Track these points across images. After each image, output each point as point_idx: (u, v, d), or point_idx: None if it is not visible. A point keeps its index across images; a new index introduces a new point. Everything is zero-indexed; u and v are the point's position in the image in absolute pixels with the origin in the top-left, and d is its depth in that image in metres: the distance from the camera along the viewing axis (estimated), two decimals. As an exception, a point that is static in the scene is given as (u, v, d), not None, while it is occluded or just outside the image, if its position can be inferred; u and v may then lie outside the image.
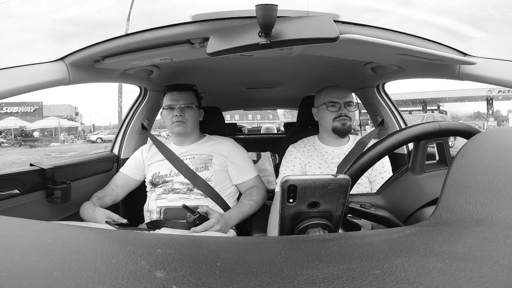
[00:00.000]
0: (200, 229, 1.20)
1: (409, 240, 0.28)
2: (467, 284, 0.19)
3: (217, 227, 1.23)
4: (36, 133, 25.50)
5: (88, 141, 25.28)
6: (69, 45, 1.13)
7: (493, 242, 0.25)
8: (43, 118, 27.80)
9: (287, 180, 0.42)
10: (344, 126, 1.40)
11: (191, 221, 1.20)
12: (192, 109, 1.52)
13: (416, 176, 0.59)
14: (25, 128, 25.03)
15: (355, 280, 0.20)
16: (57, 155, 14.31)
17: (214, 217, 1.24)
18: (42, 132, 26.09)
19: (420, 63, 1.16)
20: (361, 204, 0.57)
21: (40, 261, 0.23)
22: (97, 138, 25.48)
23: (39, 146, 20.73)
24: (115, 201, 1.54)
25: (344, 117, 1.39)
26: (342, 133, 1.42)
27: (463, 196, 0.34)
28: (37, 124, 26.27)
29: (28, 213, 1.22)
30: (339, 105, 1.40)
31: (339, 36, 0.82)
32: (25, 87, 1.01)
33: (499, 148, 0.39)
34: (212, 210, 1.29)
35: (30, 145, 21.03)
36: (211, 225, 1.22)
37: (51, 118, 27.22)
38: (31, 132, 25.22)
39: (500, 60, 1.01)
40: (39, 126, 26.10)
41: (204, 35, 1.02)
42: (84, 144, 22.96)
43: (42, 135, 25.82)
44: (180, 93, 1.52)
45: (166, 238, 0.33)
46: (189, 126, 1.51)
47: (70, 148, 19.10)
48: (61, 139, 24.56)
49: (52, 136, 26.25)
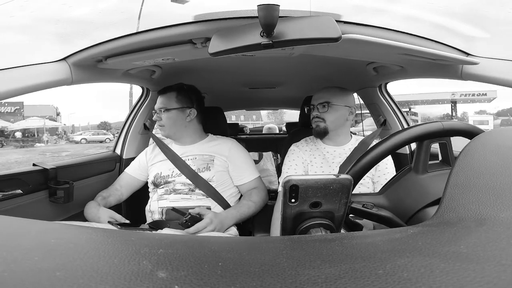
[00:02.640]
0: (193, 231, 1.18)
1: (411, 240, 0.28)
2: (470, 284, 0.19)
3: (210, 228, 1.21)
4: (19, 134, 25.43)
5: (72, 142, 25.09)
6: (71, 46, 1.13)
7: (496, 242, 0.24)
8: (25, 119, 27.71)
9: (289, 180, 0.42)
10: (316, 128, 1.43)
11: (183, 223, 1.19)
12: (168, 112, 1.49)
13: (419, 176, 0.59)
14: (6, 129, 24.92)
15: (358, 280, 0.20)
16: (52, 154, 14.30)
17: (207, 217, 1.22)
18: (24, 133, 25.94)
19: (423, 63, 1.15)
20: (363, 204, 0.56)
21: (42, 261, 0.23)
22: (81, 139, 25.32)
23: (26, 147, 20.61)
24: (119, 201, 1.55)
25: (316, 119, 1.42)
26: (316, 135, 1.45)
27: (466, 196, 0.34)
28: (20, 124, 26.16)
29: (31, 213, 1.23)
30: (313, 106, 1.44)
31: (341, 36, 0.82)
32: (28, 87, 1.01)
33: (502, 148, 0.39)
34: (206, 210, 1.27)
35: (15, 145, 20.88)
36: (204, 226, 1.20)
37: (34, 119, 27.16)
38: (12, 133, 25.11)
39: (503, 60, 1.01)
40: (23, 126, 26.01)
41: (206, 35, 1.03)
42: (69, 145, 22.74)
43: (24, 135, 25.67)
44: (161, 96, 1.53)
45: (168, 238, 0.33)
46: (167, 130, 1.51)
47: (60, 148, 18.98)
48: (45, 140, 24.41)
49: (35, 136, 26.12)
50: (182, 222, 1.19)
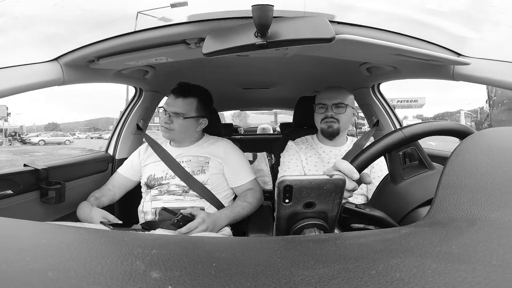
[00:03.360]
0: (184, 231, 1.17)
1: (404, 241, 0.28)
2: (461, 284, 0.19)
3: (202, 227, 1.20)
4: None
5: (27, 143, 23.98)
6: (62, 45, 1.12)
7: (487, 243, 0.25)
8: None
9: (283, 181, 0.42)
10: (329, 129, 1.40)
11: (175, 223, 1.18)
12: (182, 119, 1.44)
13: (397, 185, 0.59)
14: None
15: (351, 280, 0.21)
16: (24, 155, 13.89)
17: (199, 217, 1.21)
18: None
19: (415, 63, 1.16)
20: (356, 205, 0.57)
21: (34, 261, 0.23)
22: (39, 141, 24.26)
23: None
24: (112, 201, 1.53)
25: (330, 119, 1.39)
26: (327, 135, 1.42)
27: (457, 197, 0.34)
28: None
29: (22, 213, 1.21)
30: (327, 106, 1.40)
31: (334, 36, 0.83)
32: (18, 87, 1.00)
33: (493, 148, 0.40)
34: (198, 211, 1.26)
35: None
36: (196, 226, 1.19)
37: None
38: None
39: (495, 61, 1.02)
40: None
41: (200, 35, 1.02)
42: (30, 147, 21.80)
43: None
44: (176, 100, 1.45)
45: (162, 238, 0.33)
46: (175, 135, 1.47)
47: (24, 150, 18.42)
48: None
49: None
50: (174, 222, 1.18)
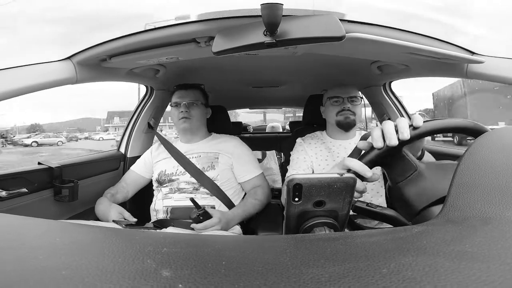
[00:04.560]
0: (201, 227, 1.20)
1: (416, 239, 0.28)
2: (475, 283, 0.19)
3: (217, 227, 1.23)
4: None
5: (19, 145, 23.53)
6: (75, 45, 1.14)
7: (501, 241, 0.24)
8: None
9: (292, 179, 0.42)
10: (346, 120, 1.42)
11: (195, 217, 1.20)
12: (197, 106, 1.56)
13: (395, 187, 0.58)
14: None
15: (361, 279, 0.20)
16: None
17: (216, 216, 1.24)
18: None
19: (427, 61, 1.15)
20: (367, 203, 0.56)
21: (47, 259, 0.23)
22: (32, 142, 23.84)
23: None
24: (126, 198, 1.56)
25: (347, 111, 1.42)
26: (345, 127, 1.44)
27: (471, 195, 0.34)
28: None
29: (36, 211, 1.24)
30: (342, 99, 1.44)
31: (345, 35, 0.82)
32: (32, 86, 1.02)
33: (507, 147, 0.39)
34: (214, 210, 1.29)
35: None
36: (212, 225, 1.21)
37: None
38: None
39: (509, 59, 1.00)
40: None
41: (209, 34, 1.02)
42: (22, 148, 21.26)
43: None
44: (186, 91, 1.58)
45: (172, 236, 0.33)
46: (194, 123, 1.54)
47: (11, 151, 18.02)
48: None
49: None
50: (194, 216, 1.20)
